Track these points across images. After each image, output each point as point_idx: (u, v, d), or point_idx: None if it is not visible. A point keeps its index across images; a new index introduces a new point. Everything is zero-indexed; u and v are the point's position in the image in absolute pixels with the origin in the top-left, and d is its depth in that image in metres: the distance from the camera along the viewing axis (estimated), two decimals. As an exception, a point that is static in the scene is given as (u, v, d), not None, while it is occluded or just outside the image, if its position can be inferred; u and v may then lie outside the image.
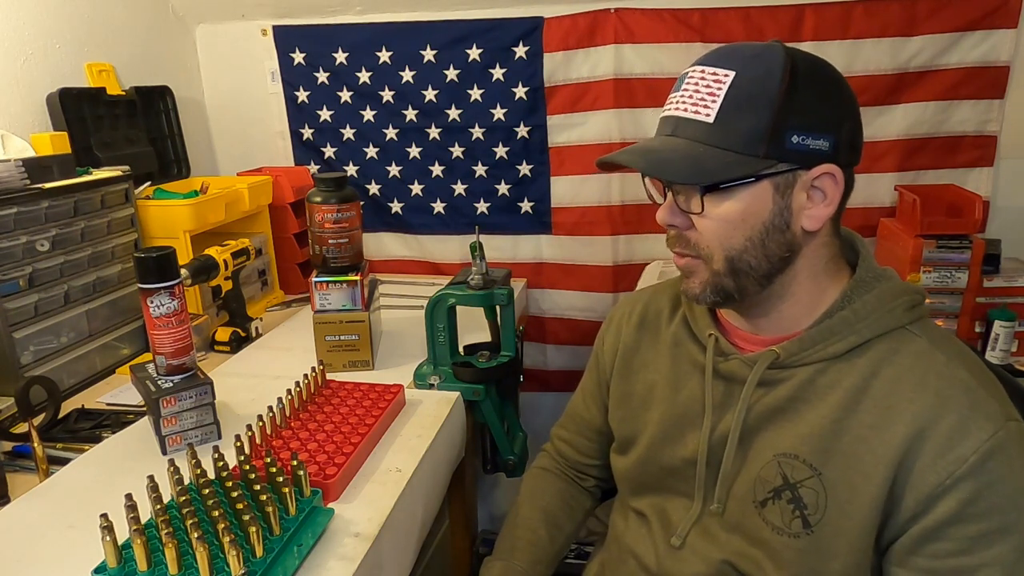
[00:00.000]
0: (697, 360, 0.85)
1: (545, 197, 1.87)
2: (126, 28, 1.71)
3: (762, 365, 0.76)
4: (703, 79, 0.71)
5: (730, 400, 0.80)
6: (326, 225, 1.29)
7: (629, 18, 1.67)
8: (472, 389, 1.24)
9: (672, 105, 0.74)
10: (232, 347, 1.46)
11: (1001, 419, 0.67)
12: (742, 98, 0.69)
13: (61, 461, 1.03)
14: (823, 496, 0.72)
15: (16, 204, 1.18)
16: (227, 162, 2.06)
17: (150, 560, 0.72)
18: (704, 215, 0.72)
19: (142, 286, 1.01)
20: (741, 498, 0.78)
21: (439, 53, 1.81)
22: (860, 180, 1.85)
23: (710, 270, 0.75)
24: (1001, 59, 1.54)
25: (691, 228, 0.74)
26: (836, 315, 0.74)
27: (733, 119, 0.69)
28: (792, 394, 0.75)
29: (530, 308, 1.95)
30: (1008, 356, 1.44)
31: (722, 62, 0.71)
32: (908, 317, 0.74)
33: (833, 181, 0.73)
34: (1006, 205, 1.62)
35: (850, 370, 0.73)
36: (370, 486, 0.95)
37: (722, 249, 0.73)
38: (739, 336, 0.83)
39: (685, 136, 0.72)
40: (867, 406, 0.71)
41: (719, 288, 0.75)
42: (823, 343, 0.74)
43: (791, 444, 0.74)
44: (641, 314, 0.95)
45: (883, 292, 0.75)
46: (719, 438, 0.80)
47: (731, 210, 0.71)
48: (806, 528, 0.73)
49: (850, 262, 0.80)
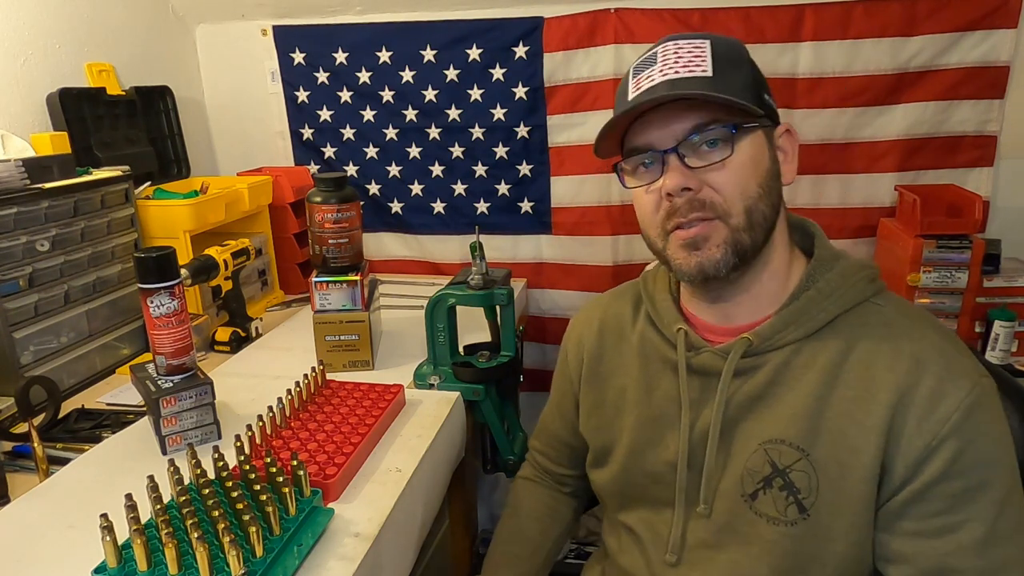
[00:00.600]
0: (668, 357, 0.83)
1: (545, 197, 1.87)
2: (126, 28, 1.71)
3: (737, 353, 0.76)
4: (681, 48, 0.74)
5: (707, 394, 0.79)
6: (326, 225, 1.29)
7: (629, 18, 1.67)
8: (472, 389, 1.24)
9: (656, 75, 0.73)
10: (232, 347, 1.46)
11: (975, 375, 0.69)
12: (727, 57, 0.73)
13: (61, 461, 1.03)
14: (814, 477, 0.71)
15: (16, 204, 1.18)
16: (227, 162, 2.06)
17: (150, 560, 0.72)
18: (727, 162, 0.72)
19: (142, 286, 1.01)
20: (729, 495, 0.76)
21: (439, 53, 1.81)
22: (860, 180, 1.86)
23: (728, 227, 0.73)
24: (1001, 59, 1.54)
25: (703, 187, 0.72)
26: (803, 296, 0.76)
27: (728, 73, 0.72)
28: (769, 379, 0.75)
29: (530, 308, 1.95)
30: (1008, 356, 1.44)
31: (688, 36, 0.75)
32: (871, 289, 0.76)
33: (790, 139, 0.79)
34: (1006, 205, 1.63)
35: (824, 347, 0.74)
36: (370, 486, 0.95)
37: (741, 198, 0.72)
38: (707, 329, 0.82)
39: (689, 90, 0.71)
40: (846, 380, 0.72)
41: (739, 246, 0.73)
42: (794, 324, 0.75)
43: (776, 430, 0.74)
44: (601, 320, 0.94)
45: (843, 269, 0.77)
46: (699, 435, 0.79)
47: (748, 154, 0.73)
48: (802, 513, 0.72)
49: (804, 248, 0.82)
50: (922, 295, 1.47)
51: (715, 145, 0.72)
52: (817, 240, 0.80)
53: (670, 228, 0.75)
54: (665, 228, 0.76)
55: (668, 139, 0.73)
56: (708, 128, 0.72)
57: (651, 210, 0.77)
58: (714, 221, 0.73)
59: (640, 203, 0.79)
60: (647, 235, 0.80)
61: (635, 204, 0.81)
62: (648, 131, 0.75)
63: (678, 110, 0.73)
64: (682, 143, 0.73)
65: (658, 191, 0.75)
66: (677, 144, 0.73)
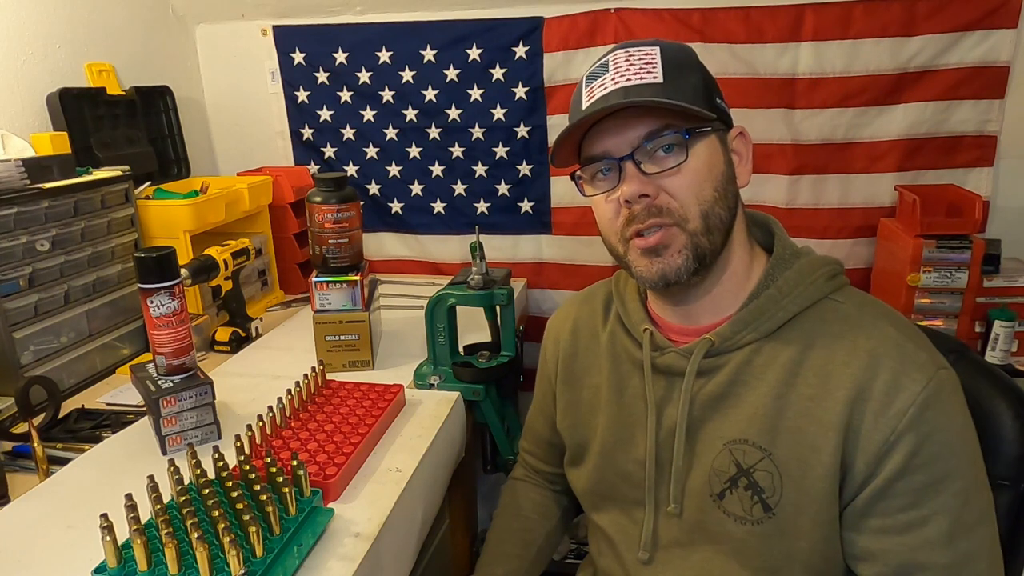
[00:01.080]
0: (635, 357, 0.84)
1: (545, 197, 1.87)
2: (126, 28, 1.71)
3: (699, 354, 0.77)
4: (631, 56, 0.75)
5: (671, 394, 0.80)
6: (326, 225, 1.29)
7: (629, 18, 1.67)
8: (472, 389, 1.24)
9: (608, 83, 0.74)
10: (232, 347, 1.46)
11: (931, 368, 0.69)
12: (676, 62, 0.74)
13: (61, 461, 1.03)
14: (777, 476, 0.72)
15: (16, 204, 1.18)
16: (227, 162, 2.06)
17: (150, 560, 0.72)
18: (682, 167, 0.73)
19: (142, 286, 1.01)
20: (698, 494, 0.77)
21: (439, 53, 1.81)
22: (860, 180, 1.86)
23: (686, 232, 0.74)
24: (1001, 59, 1.54)
25: (660, 193, 0.74)
26: (762, 295, 0.76)
27: (678, 78, 0.73)
28: (731, 378, 0.76)
29: (530, 308, 1.95)
30: (1008, 356, 1.44)
31: (637, 44, 0.76)
32: (830, 287, 0.77)
33: (744, 141, 0.79)
34: (1006, 205, 1.62)
35: (783, 346, 0.74)
36: (370, 486, 0.95)
37: (697, 203, 0.73)
38: (672, 330, 0.83)
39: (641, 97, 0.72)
40: (805, 378, 0.72)
41: (698, 250, 0.74)
42: (754, 323, 0.76)
43: (739, 429, 0.75)
44: (574, 319, 0.96)
45: (802, 266, 0.77)
46: (666, 434, 0.80)
47: (702, 159, 0.74)
48: (767, 512, 0.73)
49: (764, 245, 0.83)
50: (922, 295, 1.47)
51: (670, 151, 0.73)
52: (776, 238, 0.81)
53: (629, 235, 0.76)
54: (624, 235, 0.76)
55: (624, 146, 0.74)
56: (662, 134, 0.73)
57: (610, 217, 0.78)
58: (672, 228, 0.74)
59: (599, 211, 0.80)
60: (608, 242, 0.81)
61: (595, 212, 0.82)
62: (603, 139, 0.76)
63: (631, 117, 0.74)
64: (637, 149, 0.74)
65: (617, 199, 0.76)
66: (633, 151, 0.74)
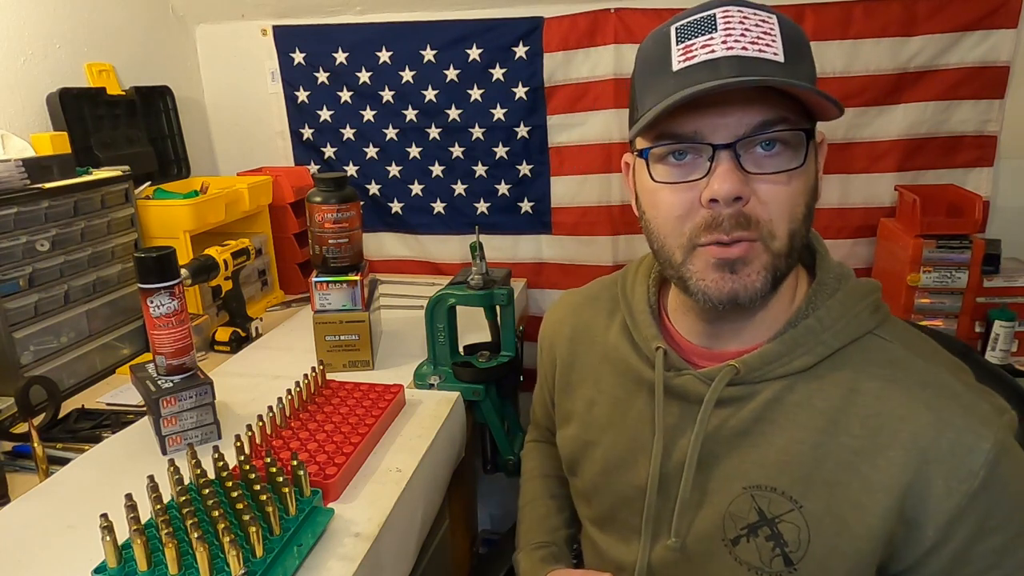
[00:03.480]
0: (642, 376, 0.75)
1: (545, 197, 1.87)
2: (126, 28, 1.71)
3: (722, 381, 0.67)
4: (747, 19, 0.61)
5: (685, 422, 0.71)
6: (326, 225, 1.29)
7: (629, 18, 1.67)
8: (472, 389, 1.24)
9: (718, 45, 0.60)
10: (232, 347, 1.46)
11: (995, 418, 0.62)
12: (794, 41, 0.61)
13: (61, 461, 1.03)
14: (805, 531, 0.64)
15: (16, 204, 1.17)
16: (227, 162, 2.06)
17: (150, 560, 0.72)
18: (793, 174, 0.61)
19: (142, 286, 1.01)
20: (707, 536, 0.69)
21: (439, 53, 1.80)
22: (860, 180, 1.85)
23: (770, 252, 0.62)
24: (1001, 59, 1.54)
25: (751, 199, 0.61)
26: (800, 324, 0.67)
27: (797, 61, 0.60)
28: (757, 415, 0.67)
29: (530, 308, 1.95)
30: (1008, 356, 1.44)
31: (754, 7, 0.62)
32: (874, 320, 0.68)
33: (823, 150, 0.67)
34: (1006, 205, 1.62)
35: (821, 386, 0.66)
36: (370, 486, 0.95)
37: (789, 220, 0.62)
38: (692, 351, 0.73)
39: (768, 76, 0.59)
40: (849, 427, 0.64)
41: (776, 273, 0.63)
42: (788, 356, 0.66)
43: (765, 474, 0.66)
44: (572, 326, 0.87)
45: (846, 296, 0.68)
46: (675, 466, 0.71)
47: (811, 169, 0.63)
48: (788, 566, 0.65)
49: (805, 263, 0.73)
50: (922, 295, 1.47)
51: (770, 148, 0.60)
52: (819, 257, 0.71)
53: (704, 242, 0.62)
54: (695, 241, 0.63)
55: (726, 132, 0.60)
56: (776, 127, 0.60)
57: (679, 214, 0.63)
58: (756, 243, 0.62)
59: (662, 204, 0.65)
60: (663, 244, 0.66)
61: (649, 203, 0.68)
62: (698, 117, 0.61)
63: (739, 97, 0.60)
64: (743, 140, 0.60)
65: (695, 193, 0.62)
66: (736, 140, 0.60)
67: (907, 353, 0.66)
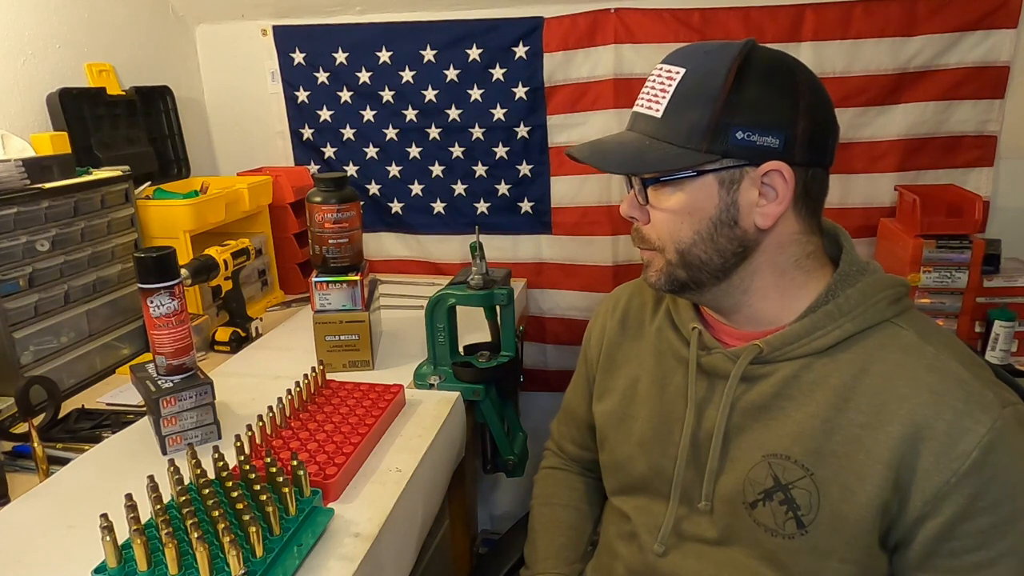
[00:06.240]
0: (681, 354, 0.84)
1: (545, 197, 1.87)
2: (126, 28, 1.71)
3: (745, 359, 0.76)
4: (659, 76, 0.75)
5: (713, 396, 0.80)
6: (326, 225, 1.29)
7: (629, 18, 1.67)
8: (472, 389, 1.24)
9: (638, 102, 0.77)
10: (232, 347, 1.46)
11: (997, 407, 0.67)
12: (687, 94, 0.72)
13: (61, 461, 1.03)
14: (816, 496, 0.72)
15: (16, 204, 1.17)
16: (227, 162, 2.06)
17: (150, 560, 0.72)
18: (653, 207, 0.76)
19: (142, 286, 1.01)
20: (730, 499, 0.77)
21: (439, 53, 1.81)
22: (860, 180, 1.85)
23: (664, 260, 0.77)
24: (1001, 59, 1.54)
25: (646, 222, 0.78)
26: (819, 309, 0.74)
27: (678, 114, 0.72)
28: (776, 391, 0.75)
29: (530, 308, 1.95)
30: (1008, 356, 1.44)
31: (678, 60, 0.74)
32: (893, 310, 0.74)
33: (782, 179, 0.71)
34: (1006, 205, 1.62)
35: (836, 366, 0.73)
36: (370, 486, 0.95)
37: (672, 242, 0.76)
38: (723, 331, 0.83)
39: (638, 130, 0.76)
40: (857, 404, 0.71)
41: (673, 278, 0.78)
42: (807, 337, 0.74)
43: (781, 444, 0.74)
44: (624, 309, 0.96)
45: (867, 286, 0.75)
46: (705, 435, 0.80)
47: (676, 203, 0.74)
48: (800, 528, 0.72)
49: (834, 258, 0.80)
50: (922, 295, 1.47)
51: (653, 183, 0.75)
52: (844, 252, 0.78)
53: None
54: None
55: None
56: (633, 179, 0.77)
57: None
58: (654, 251, 0.78)
59: None
60: None
61: None
62: None
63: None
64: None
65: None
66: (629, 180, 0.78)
67: (920, 341, 0.72)
